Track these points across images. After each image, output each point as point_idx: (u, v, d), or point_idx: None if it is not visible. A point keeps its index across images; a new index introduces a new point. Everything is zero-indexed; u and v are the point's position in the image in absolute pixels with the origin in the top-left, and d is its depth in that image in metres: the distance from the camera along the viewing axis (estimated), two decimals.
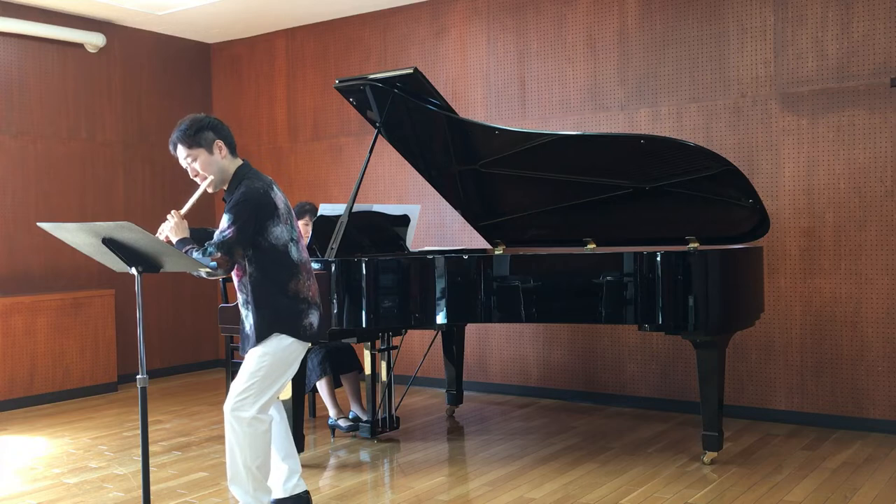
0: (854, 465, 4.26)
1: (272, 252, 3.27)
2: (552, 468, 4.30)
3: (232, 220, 3.20)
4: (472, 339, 6.26)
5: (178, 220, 3.29)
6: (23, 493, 4.09)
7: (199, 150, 3.28)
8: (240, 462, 3.27)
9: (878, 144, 4.85)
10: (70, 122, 6.74)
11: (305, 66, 7.19)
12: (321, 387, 4.96)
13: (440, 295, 4.42)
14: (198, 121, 3.30)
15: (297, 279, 3.32)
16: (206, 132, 3.29)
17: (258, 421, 3.27)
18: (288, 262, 3.31)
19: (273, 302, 3.28)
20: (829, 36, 4.97)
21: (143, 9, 6.56)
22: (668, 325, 4.21)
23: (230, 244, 3.17)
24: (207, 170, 3.30)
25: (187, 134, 3.27)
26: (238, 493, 3.31)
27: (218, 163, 3.31)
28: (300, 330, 3.31)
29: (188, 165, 3.32)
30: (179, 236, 3.26)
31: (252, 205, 3.22)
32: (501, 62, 6.17)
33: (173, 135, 3.32)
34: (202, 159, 3.29)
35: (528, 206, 5.05)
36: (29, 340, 6.07)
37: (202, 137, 3.28)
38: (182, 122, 3.32)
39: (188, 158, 3.30)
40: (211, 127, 3.31)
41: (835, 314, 4.99)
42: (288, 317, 3.29)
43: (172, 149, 3.35)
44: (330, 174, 7.03)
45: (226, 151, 3.33)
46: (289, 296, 3.30)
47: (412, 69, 4.43)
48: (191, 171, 3.33)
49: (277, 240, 3.28)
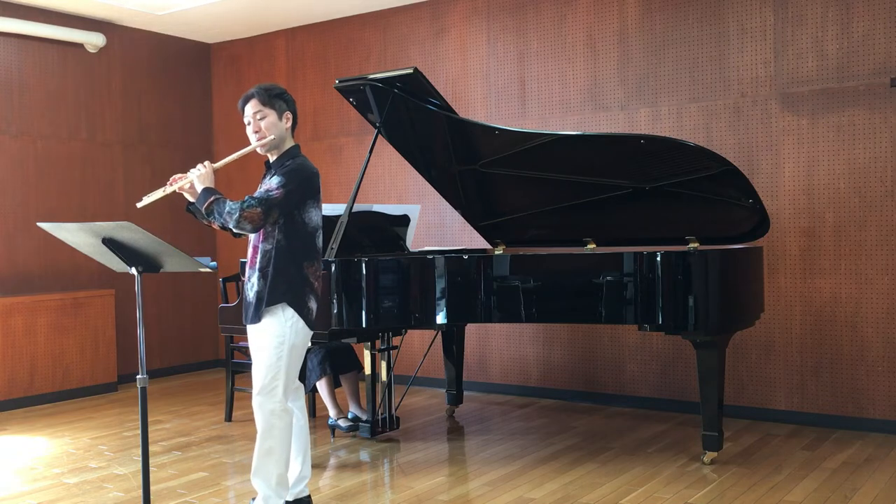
0: (854, 465, 4.26)
1: (302, 230, 3.36)
2: (552, 468, 4.30)
3: (283, 183, 3.28)
4: (472, 339, 6.26)
5: (209, 171, 3.35)
6: (23, 493, 4.09)
7: (271, 110, 3.38)
8: (270, 454, 3.34)
9: (878, 144, 4.85)
10: (70, 122, 6.74)
11: (305, 66, 7.19)
12: (321, 387, 4.96)
13: (440, 295, 4.42)
14: (280, 88, 3.44)
15: (313, 265, 3.41)
16: (282, 101, 3.41)
17: (286, 412, 3.37)
18: (313, 246, 3.42)
19: (290, 274, 3.34)
20: (829, 36, 4.97)
21: (143, 9, 6.56)
22: (668, 325, 4.20)
23: (273, 203, 3.24)
24: (271, 130, 3.38)
25: (269, 93, 3.38)
26: (260, 485, 3.36)
27: (281, 129, 3.41)
28: (304, 309, 3.37)
29: (253, 121, 3.38)
30: (205, 184, 3.32)
31: (305, 177, 3.35)
32: (501, 62, 6.17)
33: (251, 89, 3.40)
34: (270, 119, 3.37)
35: (528, 206, 5.05)
36: (29, 340, 6.07)
37: (278, 102, 3.39)
38: (268, 84, 3.45)
39: (258, 115, 3.37)
40: (288, 100, 3.44)
41: (835, 314, 4.99)
42: (298, 292, 3.35)
43: (242, 102, 3.41)
44: (330, 174, 7.03)
45: (290, 124, 3.45)
46: (302, 275, 3.37)
47: (412, 69, 4.43)
48: (254, 125, 3.39)
49: (310, 221, 3.39)
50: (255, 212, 3.22)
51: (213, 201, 3.27)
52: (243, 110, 3.42)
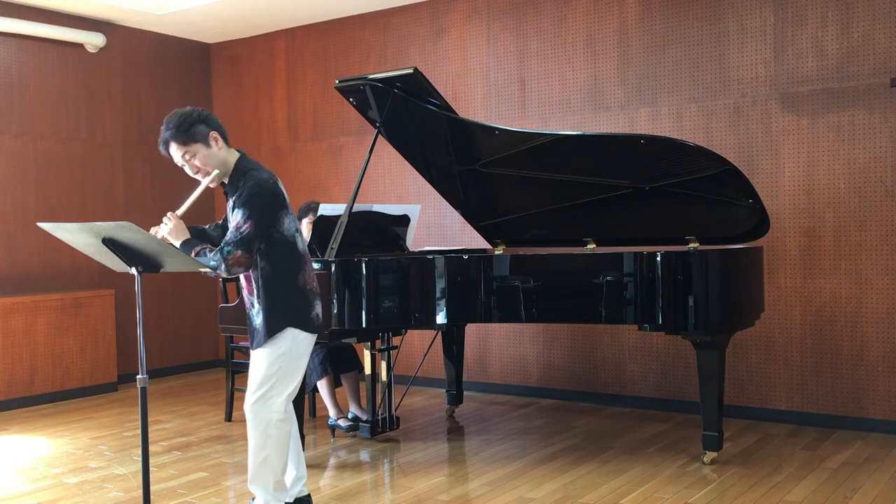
0: (854, 465, 4.26)
1: (283, 244, 3.20)
2: (552, 468, 4.30)
3: (248, 215, 3.08)
4: (472, 339, 6.26)
5: (177, 222, 3.18)
6: (23, 493, 4.09)
7: (197, 145, 3.15)
8: (266, 463, 3.27)
9: (878, 144, 4.85)
10: (70, 122, 6.74)
11: (305, 66, 7.19)
12: (321, 387, 4.96)
13: (440, 295, 4.42)
14: (187, 115, 3.15)
15: (303, 271, 3.27)
16: (199, 125, 3.15)
17: (283, 421, 3.27)
18: (296, 253, 3.26)
19: (285, 297, 3.21)
20: (829, 36, 4.97)
21: (143, 9, 6.56)
22: (668, 325, 4.20)
23: (249, 240, 3.07)
24: (209, 164, 3.17)
25: (181, 129, 3.12)
26: (258, 491, 3.32)
27: (217, 155, 3.18)
28: (310, 323, 3.27)
29: (186, 163, 3.18)
30: (181, 239, 3.18)
31: (266, 196, 3.12)
32: (501, 62, 6.17)
33: (164, 133, 3.15)
34: (202, 154, 3.15)
35: (528, 206, 5.04)
36: (29, 340, 6.07)
37: (196, 131, 3.14)
38: (170, 119, 3.16)
39: (186, 156, 3.16)
40: (202, 119, 3.17)
41: (835, 314, 4.99)
42: (300, 311, 3.24)
43: (164, 148, 3.19)
44: (330, 174, 7.03)
45: (222, 142, 3.21)
46: (298, 289, 3.24)
47: (412, 69, 4.42)
48: (190, 168, 3.19)
49: (287, 231, 3.22)
50: (238, 255, 3.05)
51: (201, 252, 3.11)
52: (168, 155, 3.20)
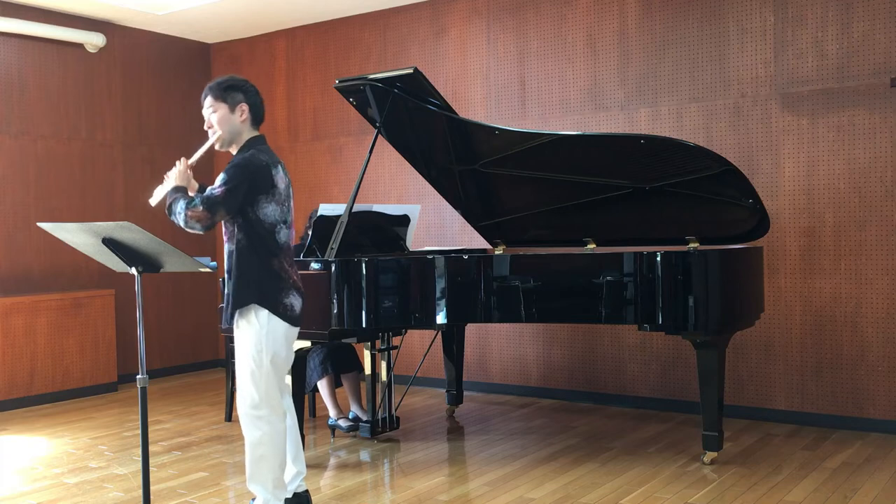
0: (854, 465, 4.26)
1: (258, 226, 3.24)
2: (552, 468, 4.30)
3: (224, 181, 3.18)
4: (472, 339, 6.26)
5: (184, 169, 3.32)
6: (23, 493, 4.09)
7: (223, 104, 3.30)
8: (262, 460, 3.29)
9: (878, 144, 4.85)
10: (70, 122, 6.74)
11: (305, 66, 7.19)
12: (322, 386, 4.96)
13: (440, 295, 4.42)
14: (234, 80, 3.35)
15: (279, 258, 3.29)
16: (237, 92, 3.31)
17: (277, 419, 3.30)
18: (272, 242, 3.28)
19: (256, 274, 3.24)
20: (829, 36, 4.97)
21: (143, 9, 6.56)
22: (668, 325, 4.20)
23: (215, 202, 3.14)
24: (220, 125, 3.30)
25: (221, 86, 3.31)
26: (257, 490, 3.34)
27: (232, 123, 3.31)
28: (279, 307, 3.26)
29: (207, 116, 3.34)
30: (179, 183, 3.28)
31: (248, 172, 3.21)
32: (501, 62, 6.17)
33: (208, 85, 3.36)
34: (220, 114, 3.30)
35: (528, 206, 5.05)
36: (29, 340, 6.07)
37: (230, 95, 3.30)
38: (225, 76, 3.39)
39: (210, 108, 3.32)
40: (243, 90, 3.33)
41: (835, 314, 4.99)
42: (268, 291, 3.25)
43: (202, 97, 3.37)
44: (330, 174, 7.03)
45: (247, 117, 3.33)
46: (270, 271, 3.26)
47: (412, 69, 4.42)
48: (207, 121, 3.35)
49: (266, 217, 3.25)
50: (199, 211, 3.11)
51: (173, 200, 3.20)
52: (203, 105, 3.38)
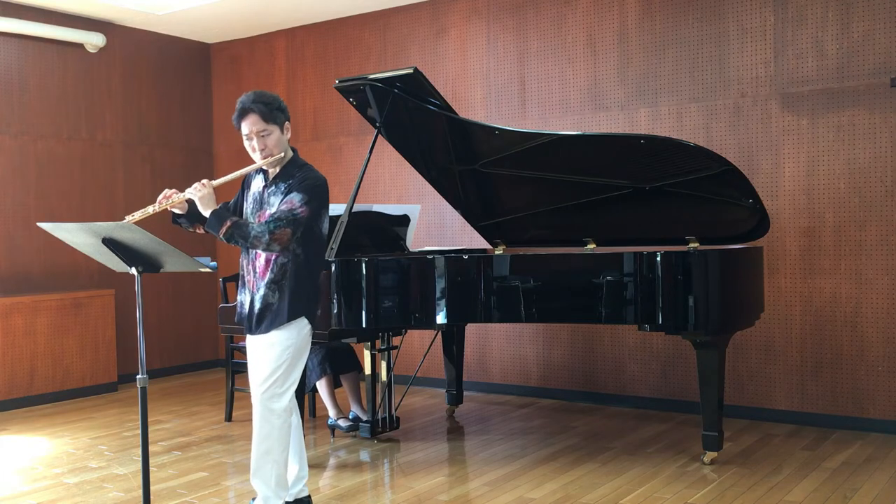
0: (854, 465, 4.26)
1: (318, 241, 3.34)
2: (552, 468, 4.30)
3: (307, 201, 3.19)
4: (472, 339, 6.26)
5: (209, 191, 3.17)
6: (23, 493, 4.09)
7: (275, 126, 3.25)
8: (268, 455, 3.32)
9: (878, 144, 4.85)
10: (70, 122, 6.74)
11: (305, 66, 7.19)
12: (321, 387, 4.96)
13: (440, 295, 4.42)
14: (276, 98, 3.27)
15: (320, 272, 3.44)
16: (283, 113, 3.28)
17: (289, 413, 3.36)
18: (323, 255, 3.46)
19: (308, 286, 3.31)
20: (829, 36, 4.97)
21: (143, 9, 6.56)
22: (668, 325, 4.20)
23: (300, 222, 3.18)
24: (278, 147, 3.27)
25: (270, 107, 3.22)
26: (260, 486, 3.35)
27: (285, 143, 3.31)
28: (315, 318, 3.40)
29: (255, 137, 3.23)
30: (209, 207, 3.17)
31: (322, 191, 3.28)
32: (501, 62, 6.17)
33: (248, 103, 3.21)
34: (275, 136, 3.25)
35: (528, 206, 5.04)
36: (29, 340, 6.07)
37: (279, 116, 3.26)
38: (259, 94, 3.23)
39: (262, 132, 3.22)
40: (284, 109, 3.30)
41: (835, 314, 4.99)
42: (313, 303, 3.37)
43: (239, 116, 3.23)
44: (330, 174, 7.02)
45: (289, 135, 3.35)
46: (317, 284, 3.39)
47: (412, 69, 4.42)
48: (258, 143, 3.24)
49: (323, 232, 3.36)
50: (286, 233, 3.15)
51: (233, 226, 3.14)
52: (240, 124, 3.25)
